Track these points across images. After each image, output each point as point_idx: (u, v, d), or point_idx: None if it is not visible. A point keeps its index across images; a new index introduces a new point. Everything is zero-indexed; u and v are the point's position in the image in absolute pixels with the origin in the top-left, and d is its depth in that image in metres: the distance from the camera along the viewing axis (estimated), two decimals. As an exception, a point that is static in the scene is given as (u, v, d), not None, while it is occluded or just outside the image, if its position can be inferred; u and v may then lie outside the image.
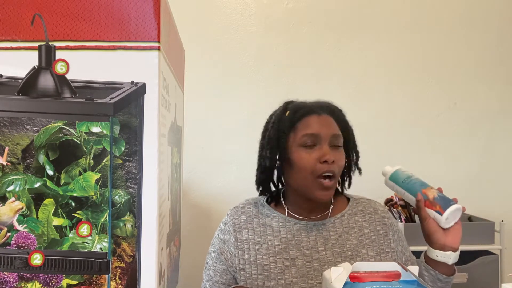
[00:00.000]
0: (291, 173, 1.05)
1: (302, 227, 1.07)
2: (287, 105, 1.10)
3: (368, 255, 1.04)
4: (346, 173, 1.12)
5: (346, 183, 1.13)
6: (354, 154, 1.11)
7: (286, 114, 1.07)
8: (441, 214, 1.01)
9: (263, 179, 1.12)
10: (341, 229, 1.07)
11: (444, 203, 1.02)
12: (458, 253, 1.03)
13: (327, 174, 1.01)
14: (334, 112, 1.08)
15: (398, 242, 1.09)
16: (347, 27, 2.24)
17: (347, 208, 1.11)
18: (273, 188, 1.15)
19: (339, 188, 1.14)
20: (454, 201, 1.03)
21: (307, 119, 1.05)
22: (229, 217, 1.12)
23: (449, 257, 1.01)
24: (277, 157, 1.07)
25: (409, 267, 0.72)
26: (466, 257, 1.80)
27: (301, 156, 1.02)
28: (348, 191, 1.16)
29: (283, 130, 1.05)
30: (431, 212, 1.03)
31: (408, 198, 1.08)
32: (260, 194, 1.15)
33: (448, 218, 1.01)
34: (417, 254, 1.13)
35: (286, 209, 1.10)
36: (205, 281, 1.11)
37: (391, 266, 0.73)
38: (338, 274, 0.70)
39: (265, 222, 1.09)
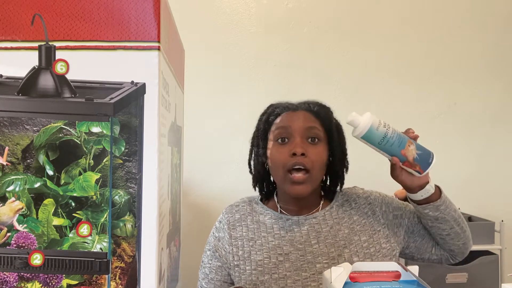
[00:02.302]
0: (270, 168, 1.09)
1: (294, 223, 1.09)
2: (270, 106, 1.14)
3: (361, 240, 1.06)
4: (334, 171, 1.12)
5: (339, 186, 1.13)
6: (338, 152, 1.09)
7: (265, 114, 1.11)
8: (420, 173, 0.99)
9: (255, 179, 1.15)
10: (331, 221, 1.09)
11: (424, 161, 0.98)
12: (429, 186, 1.02)
13: (297, 167, 1.01)
14: (314, 109, 1.08)
15: (389, 210, 1.11)
16: (347, 27, 2.24)
17: (334, 200, 1.13)
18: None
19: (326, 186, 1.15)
20: (431, 152, 0.99)
21: (282, 116, 1.08)
22: (223, 215, 1.14)
23: (429, 190, 1.01)
24: (262, 154, 1.10)
25: (409, 267, 0.72)
26: (466, 257, 1.80)
27: (275, 150, 1.05)
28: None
29: (262, 130, 1.09)
30: (409, 170, 1.00)
31: (384, 155, 1.00)
32: (260, 193, 1.17)
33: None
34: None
35: (279, 207, 1.12)
36: (201, 279, 1.14)
37: (391, 266, 0.73)
38: (338, 274, 0.70)
39: (259, 220, 1.11)
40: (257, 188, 1.16)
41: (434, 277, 1.76)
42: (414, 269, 0.73)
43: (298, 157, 1.01)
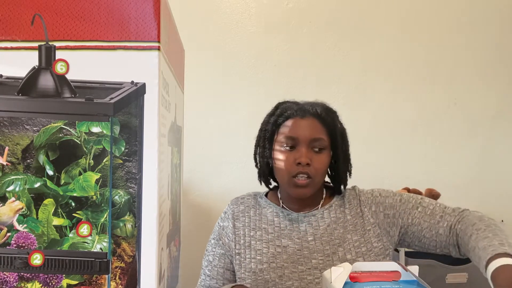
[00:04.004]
0: (275, 170, 1.13)
1: (294, 218, 1.13)
2: (278, 106, 1.16)
3: (353, 240, 1.09)
4: (337, 175, 1.15)
5: (342, 186, 1.16)
6: (341, 158, 1.13)
7: (274, 115, 1.13)
8: None
9: (261, 175, 1.18)
10: (328, 219, 1.13)
11: None
12: None
13: (301, 175, 1.07)
14: (320, 115, 1.10)
15: (379, 210, 1.12)
16: (347, 27, 2.23)
17: (334, 199, 1.17)
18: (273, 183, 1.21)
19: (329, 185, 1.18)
20: None
21: (290, 121, 1.10)
22: (229, 206, 1.19)
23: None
24: (267, 154, 1.13)
25: (409, 267, 0.72)
26: (466, 257, 1.80)
27: (280, 156, 1.10)
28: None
29: (269, 131, 1.13)
30: None
31: None
32: (266, 185, 1.21)
33: None
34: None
35: (281, 202, 1.16)
36: (204, 267, 1.17)
37: (391, 266, 0.73)
38: (338, 274, 0.70)
39: (261, 212, 1.16)
40: (262, 182, 1.20)
41: (434, 277, 1.76)
42: (414, 269, 0.73)
43: (304, 167, 1.06)
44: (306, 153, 1.07)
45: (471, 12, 2.27)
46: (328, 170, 1.15)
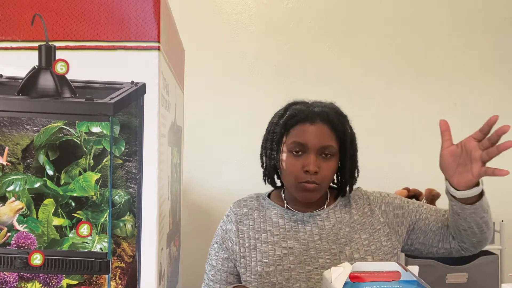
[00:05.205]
0: (282, 173, 1.13)
1: (299, 219, 1.13)
2: (288, 107, 1.15)
3: (362, 238, 1.10)
4: (343, 178, 1.15)
5: (347, 188, 1.16)
6: (349, 163, 1.13)
7: (284, 118, 1.12)
8: None
9: (266, 175, 1.18)
10: (334, 219, 1.13)
11: None
12: (467, 192, 1.02)
13: (308, 183, 1.07)
14: (332, 121, 1.09)
15: (389, 209, 1.13)
16: (347, 27, 2.24)
17: (338, 199, 1.17)
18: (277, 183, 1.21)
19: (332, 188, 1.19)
20: None
21: (300, 126, 1.09)
22: (231, 209, 1.18)
23: (453, 192, 1.02)
24: (275, 156, 1.13)
25: (409, 267, 0.72)
26: (466, 257, 1.80)
27: (289, 161, 1.09)
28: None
29: (278, 134, 1.11)
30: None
31: None
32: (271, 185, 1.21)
33: None
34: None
35: (285, 203, 1.16)
36: (208, 272, 1.17)
37: (391, 266, 0.73)
38: (338, 274, 0.70)
39: (265, 214, 1.15)
40: (267, 182, 1.19)
41: (434, 277, 1.76)
42: (414, 269, 0.73)
43: (311, 175, 1.06)
44: (315, 160, 1.06)
45: (471, 12, 2.28)
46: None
